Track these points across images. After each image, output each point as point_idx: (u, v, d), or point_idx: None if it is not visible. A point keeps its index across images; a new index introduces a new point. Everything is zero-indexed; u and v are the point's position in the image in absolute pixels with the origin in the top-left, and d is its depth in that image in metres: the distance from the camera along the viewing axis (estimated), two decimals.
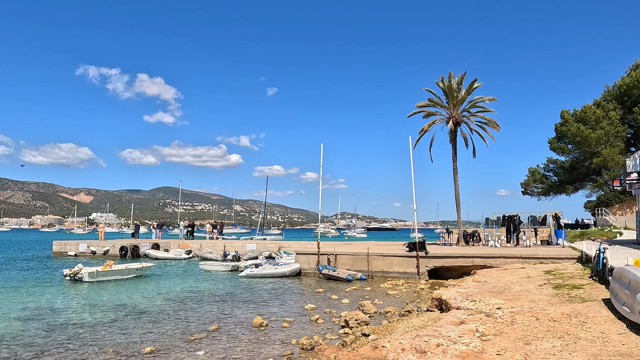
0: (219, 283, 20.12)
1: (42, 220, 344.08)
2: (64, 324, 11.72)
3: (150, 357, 8.81)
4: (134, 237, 42.31)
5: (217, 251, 31.74)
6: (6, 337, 10.33)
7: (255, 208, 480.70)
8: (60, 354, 9.01)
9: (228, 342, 9.94)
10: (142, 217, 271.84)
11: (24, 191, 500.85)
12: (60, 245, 37.61)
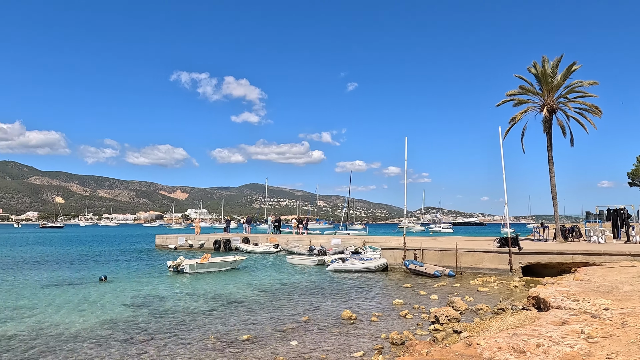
0: (306, 276, 20.69)
1: (144, 216, 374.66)
2: (170, 311, 12.78)
3: (248, 344, 9.34)
4: (226, 231, 44.74)
5: (303, 245, 32.60)
6: (122, 321, 11.50)
7: (338, 203, 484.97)
8: (168, 339, 9.85)
9: (319, 334, 10.24)
10: (231, 212, 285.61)
11: (128, 190, 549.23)
12: (162, 239, 40.86)
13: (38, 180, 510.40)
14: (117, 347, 9.19)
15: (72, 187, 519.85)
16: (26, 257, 31.73)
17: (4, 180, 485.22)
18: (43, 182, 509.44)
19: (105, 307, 13.33)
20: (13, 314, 12.44)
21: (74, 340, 9.72)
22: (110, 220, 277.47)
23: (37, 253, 36.06)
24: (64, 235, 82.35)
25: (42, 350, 8.91)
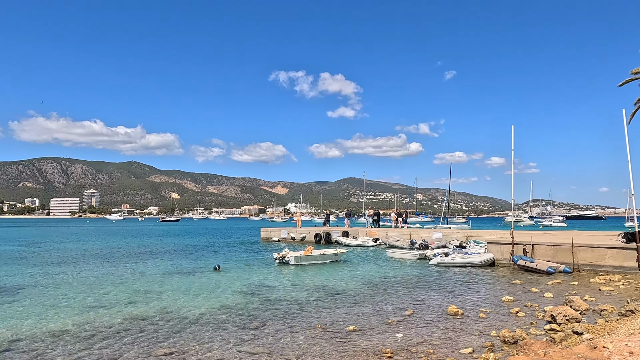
0: (408, 270, 20.46)
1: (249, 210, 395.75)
2: (278, 300, 13.44)
3: (354, 335, 9.52)
4: (325, 225, 45.73)
5: (403, 239, 32.23)
6: (236, 308, 12.35)
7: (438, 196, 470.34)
8: (279, 326, 10.39)
9: (424, 328, 10.11)
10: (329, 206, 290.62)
11: (234, 185, 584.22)
12: (266, 232, 42.98)
13: (157, 179, 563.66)
14: (234, 331, 9.90)
15: (186, 184, 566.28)
16: (151, 248, 35.33)
17: (130, 179, 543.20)
18: (161, 180, 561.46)
19: (221, 294, 14.40)
20: (144, 297, 13.96)
21: (195, 323, 10.65)
22: (219, 214, 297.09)
23: (160, 244, 39.97)
24: (180, 228, 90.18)
25: (168, 332, 9.89)
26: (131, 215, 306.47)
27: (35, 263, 24.08)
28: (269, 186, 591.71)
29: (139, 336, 9.51)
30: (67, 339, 9.31)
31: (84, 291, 15.06)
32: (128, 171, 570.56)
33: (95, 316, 11.36)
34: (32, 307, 12.56)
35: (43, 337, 9.48)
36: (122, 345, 8.86)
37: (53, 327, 10.30)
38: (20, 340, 9.22)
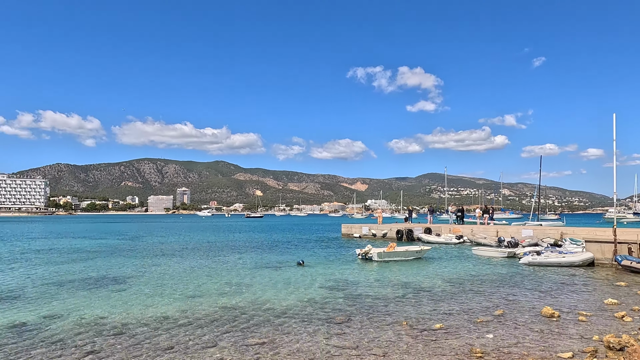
0: (496, 269, 19.59)
1: (329, 207, 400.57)
2: (362, 296, 13.53)
3: (441, 333, 9.35)
4: (407, 221, 45.06)
5: (490, 237, 30.87)
6: (320, 302, 12.62)
7: (526, 191, 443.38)
8: (364, 321, 10.47)
9: (516, 329, 9.66)
10: (410, 203, 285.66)
11: (314, 182, 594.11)
12: (347, 228, 43.28)
13: (242, 177, 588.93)
14: (320, 324, 10.15)
15: (268, 182, 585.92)
16: (239, 242, 37.11)
17: (217, 178, 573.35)
18: (245, 177, 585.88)
19: (306, 289, 14.79)
20: (235, 289, 14.73)
21: (282, 315, 11.07)
22: (300, 210, 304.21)
23: (246, 239, 41.84)
24: (264, 224, 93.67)
25: (259, 323, 10.37)
26: (218, 212, 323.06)
27: (138, 255, 26.32)
28: (348, 183, 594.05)
29: (233, 325, 10.08)
30: (169, 325, 10.11)
31: (182, 282, 16.22)
32: (215, 170, 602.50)
33: (193, 305, 12.21)
34: (138, 295, 13.78)
35: (149, 322, 10.38)
36: (218, 333, 9.45)
37: (157, 313, 11.23)
38: (130, 324, 10.18)
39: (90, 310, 11.55)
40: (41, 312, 11.36)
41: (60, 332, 9.53)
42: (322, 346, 8.53)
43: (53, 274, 18.32)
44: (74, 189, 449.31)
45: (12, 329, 9.82)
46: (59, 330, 9.68)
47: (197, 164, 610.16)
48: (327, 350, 8.30)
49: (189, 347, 8.49)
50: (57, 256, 25.90)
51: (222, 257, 25.33)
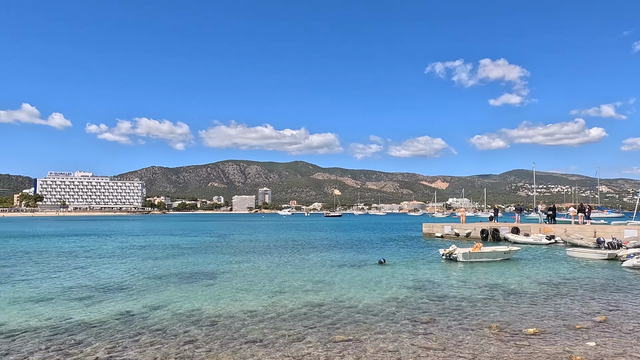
0: (594, 272, 18.11)
1: (408, 206, 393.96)
2: (446, 296, 13.17)
3: (535, 339, 8.84)
4: (492, 220, 43.03)
5: (587, 237, 28.60)
6: (403, 301, 12.47)
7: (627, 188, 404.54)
8: (449, 322, 10.19)
9: (622, 337, 8.88)
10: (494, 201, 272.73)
11: (393, 181, 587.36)
12: (428, 227, 42.27)
13: (320, 176, 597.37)
14: (405, 324, 10.04)
15: (346, 181, 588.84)
16: (319, 241, 37.73)
17: (296, 177, 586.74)
18: (324, 177, 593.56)
19: (387, 287, 14.69)
20: (318, 286, 15.01)
21: (366, 313, 11.09)
22: (379, 209, 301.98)
23: (326, 237, 42.41)
24: (343, 222, 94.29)
25: (343, 320, 10.48)
26: (298, 211, 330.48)
27: (226, 252, 27.72)
28: (428, 181, 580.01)
29: (318, 321, 10.29)
30: (257, 318, 10.55)
31: (266, 278, 16.84)
32: (295, 170, 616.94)
33: (278, 300, 12.63)
34: (228, 289, 14.52)
35: (238, 315, 10.91)
36: (303, 328, 9.70)
37: (245, 307, 11.77)
38: (222, 316, 10.77)
39: (186, 302, 12.38)
40: (144, 303, 12.37)
41: (161, 321, 10.32)
42: (408, 346, 8.43)
43: (152, 268, 19.87)
44: (166, 190, 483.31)
45: (120, 316, 10.80)
46: (159, 320, 10.49)
47: (277, 165, 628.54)
48: (413, 350, 8.20)
49: (277, 341, 8.80)
50: (155, 252, 28.03)
51: (304, 255, 25.90)
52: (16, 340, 8.90)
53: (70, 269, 19.80)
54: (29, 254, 26.78)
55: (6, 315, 10.92)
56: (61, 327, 9.82)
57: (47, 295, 13.48)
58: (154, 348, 8.40)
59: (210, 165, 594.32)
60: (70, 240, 39.77)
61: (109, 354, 8.04)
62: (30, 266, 20.68)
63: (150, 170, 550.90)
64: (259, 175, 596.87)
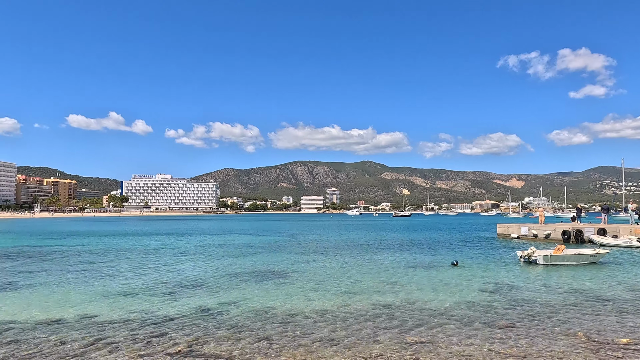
0: None
1: (480, 205, 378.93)
2: (526, 301, 12.47)
3: (630, 351, 8.12)
4: (574, 221, 40.25)
5: None
6: (478, 305, 11.98)
7: None
8: (530, 328, 9.63)
9: None
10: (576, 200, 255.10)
11: (464, 180, 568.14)
12: (504, 228, 40.35)
13: (388, 176, 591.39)
14: (481, 328, 9.65)
15: (415, 180, 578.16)
16: (389, 241, 37.33)
17: (364, 177, 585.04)
18: (392, 177, 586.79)
19: (461, 290, 14.20)
20: (389, 287, 14.84)
21: (439, 315, 10.79)
22: (449, 209, 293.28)
23: (396, 238, 41.86)
24: (412, 223, 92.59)
25: (415, 322, 10.27)
26: (366, 211, 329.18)
27: (296, 252, 28.24)
28: (502, 179, 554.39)
29: (389, 322, 10.17)
30: (329, 318, 10.63)
31: (338, 278, 16.91)
32: (362, 170, 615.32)
33: (349, 300, 12.64)
34: (299, 288, 14.77)
35: (311, 314, 11.05)
36: (375, 328, 9.63)
37: (317, 306, 11.90)
38: (294, 315, 10.96)
39: (260, 300, 12.75)
40: (220, 299, 12.91)
41: (236, 317, 10.71)
42: (484, 351, 8.09)
43: (227, 266, 20.69)
44: (238, 191, 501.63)
45: (199, 312, 11.35)
46: (235, 316, 10.89)
47: (345, 165, 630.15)
48: (491, 357, 7.84)
49: (350, 340, 8.81)
50: (229, 250, 29.17)
51: (373, 255, 25.74)
52: (108, 329, 9.63)
53: (154, 265, 21.12)
54: (121, 251, 28.92)
55: (99, 307, 11.86)
56: (146, 320, 10.50)
57: (133, 290, 14.47)
58: (231, 343, 8.72)
59: (280, 167, 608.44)
60: (154, 238, 42.45)
61: (189, 347, 8.47)
62: (120, 263, 22.32)
63: (224, 172, 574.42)
64: (327, 175, 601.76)
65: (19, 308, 11.73)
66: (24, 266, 20.49)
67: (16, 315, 10.93)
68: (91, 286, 15.17)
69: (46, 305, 12.11)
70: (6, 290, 14.25)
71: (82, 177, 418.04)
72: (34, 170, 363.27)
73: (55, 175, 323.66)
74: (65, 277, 17.25)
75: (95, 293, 13.91)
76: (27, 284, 15.57)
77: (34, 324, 10.04)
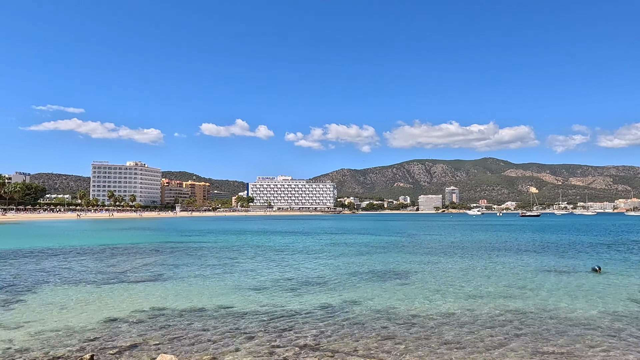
0: None
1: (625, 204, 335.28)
2: None
3: None
4: None
5: None
6: (627, 315, 10.62)
7: None
8: None
9: None
10: None
11: (603, 176, 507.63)
12: None
13: (512, 173, 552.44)
14: (633, 342, 8.55)
15: (544, 177, 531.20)
16: (515, 243, 34.85)
17: (486, 175, 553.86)
18: (517, 174, 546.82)
19: (604, 299, 12.73)
20: (518, 292, 13.86)
21: (580, 326, 9.79)
22: (586, 209, 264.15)
23: (523, 239, 38.85)
24: (542, 223, 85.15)
25: (552, 331, 9.44)
26: (488, 211, 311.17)
27: (416, 252, 27.75)
28: None
29: (521, 330, 9.51)
30: (453, 321, 10.26)
31: (461, 280, 16.26)
32: (483, 167, 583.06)
33: (474, 304, 12.07)
34: (421, 290, 14.50)
35: (433, 316, 10.78)
36: (505, 335, 9.07)
37: (440, 309, 11.57)
38: (417, 316, 10.79)
39: (381, 300, 12.78)
40: (342, 297, 13.21)
41: (358, 316, 10.87)
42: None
43: (347, 265, 21.09)
44: (355, 191, 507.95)
45: (322, 308, 11.74)
46: (357, 314, 11.06)
47: (464, 162, 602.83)
48: None
49: (476, 346, 8.43)
50: (349, 249, 29.70)
51: (499, 257, 24.24)
52: (242, 320, 10.44)
53: (280, 262, 22.36)
54: (250, 248, 31.14)
55: (233, 299, 12.91)
56: (275, 313, 11.16)
57: (263, 285, 15.48)
58: (354, 340, 8.89)
59: (396, 166, 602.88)
60: (278, 236, 44.91)
61: (315, 340, 8.82)
62: (249, 259, 24.04)
63: (340, 172, 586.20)
64: (445, 174, 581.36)
65: (168, 297, 13.26)
66: (171, 260, 23.09)
67: (166, 303, 12.38)
68: (225, 280, 16.56)
69: (189, 295, 13.52)
70: (157, 281, 16.21)
71: (214, 180, 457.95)
72: (175, 175, 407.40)
73: (192, 179, 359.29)
74: (203, 270, 19.08)
75: (229, 286, 15.16)
76: (173, 276, 17.53)
77: (180, 312, 11.28)
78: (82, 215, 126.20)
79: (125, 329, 9.70)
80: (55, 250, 27.49)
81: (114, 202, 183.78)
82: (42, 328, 9.67)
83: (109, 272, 18.29)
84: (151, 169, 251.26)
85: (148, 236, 44.93)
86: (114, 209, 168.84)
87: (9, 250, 27.13)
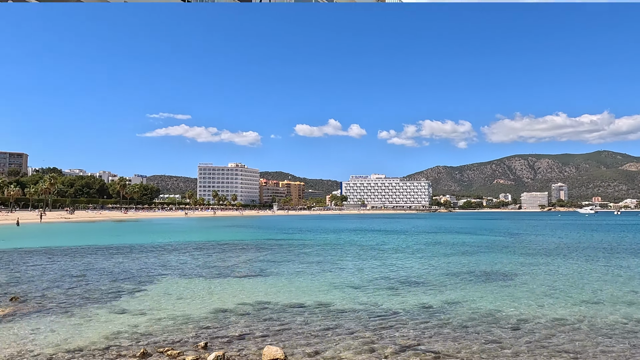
0: None
1: None
2: None
3: None
4: None
5: None
6: None
7: None
8: None
9: None
10: None
11: None
12: None
13: (632, 167, 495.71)
14: None
15: None
16: (638, 245, 31.27)
17: (599, 170, 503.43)
18: (638, 168, 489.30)
19: None
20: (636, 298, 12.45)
21: None
22: None
23: None
24: None
25: None
26: (603, 209, 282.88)
27: (520, 253, 26.08)
28: None
29: None
30: (567, 328, 9.49)
31: (574, 285, 14.99)
32: (596, 161, 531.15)
33: (591, 311, 11.07)
34: (528, 293, 13.59)
35: (544, 321, 10.05)
36: (632, 347, 8.19)
37: (551, 314, 10.75)
38: (523, 320, 10.14)
39: (484, 302, 12.21)
40: (442, 298, 12.84)
41: (460, 317, 10.49)
42: None
43: (445, 265, 20.45)
44: (451, 189, 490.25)
45: (422, 308, 11.52)
46: (458, 315, 10.69)
47: (574, 157, 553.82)
48: None
49: (596, 357, 7.72)
50: (446, 249, 28.76)
51: (618, 260, 21.95)
52: (341, 317, 10.60)
53: (376, 261, 22.33)
54: (346, 246, 31.52)
55: (332, 296, 13.14)
56: (373, 312, 11.17)
57: (360, 283, 15.58)
58: (457, 342, 8.61)
59: (495, 162, 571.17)
60: (374, 235, 44.86)
61: (416, 341, 8.69)
62: (346, 257, 24.32)
63: (435, 170, 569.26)
64: (551, 169, 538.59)
65: (271, 292, 13.88)
66: (272, 256, 24.13)
67: (269, 297, 12.97)
68: (324, 277, 16.92)
69: (290, 291, 14.02)
70: (260, 277, 17.03)
71: (308, 179, 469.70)
72: (272, 175, 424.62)
73: (288, 178, 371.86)
74: (303, 267, 19.67)
75: (328, 283, 15.46)
76: (275, 271, 18.30)
77: (283, 306, 11.75)
78: (189, 213, 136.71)
79: (234, 319, 10.34)
80: (173, 246, 30.10)
81: (218, 201, 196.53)
82: (162, 315, 10.65)
83: (218, 267, 19.60)
84: (250, 170, 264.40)
85: (251, 233, 47.40)
86: (217, 207, 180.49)
87: (136, 245, 30.23)
